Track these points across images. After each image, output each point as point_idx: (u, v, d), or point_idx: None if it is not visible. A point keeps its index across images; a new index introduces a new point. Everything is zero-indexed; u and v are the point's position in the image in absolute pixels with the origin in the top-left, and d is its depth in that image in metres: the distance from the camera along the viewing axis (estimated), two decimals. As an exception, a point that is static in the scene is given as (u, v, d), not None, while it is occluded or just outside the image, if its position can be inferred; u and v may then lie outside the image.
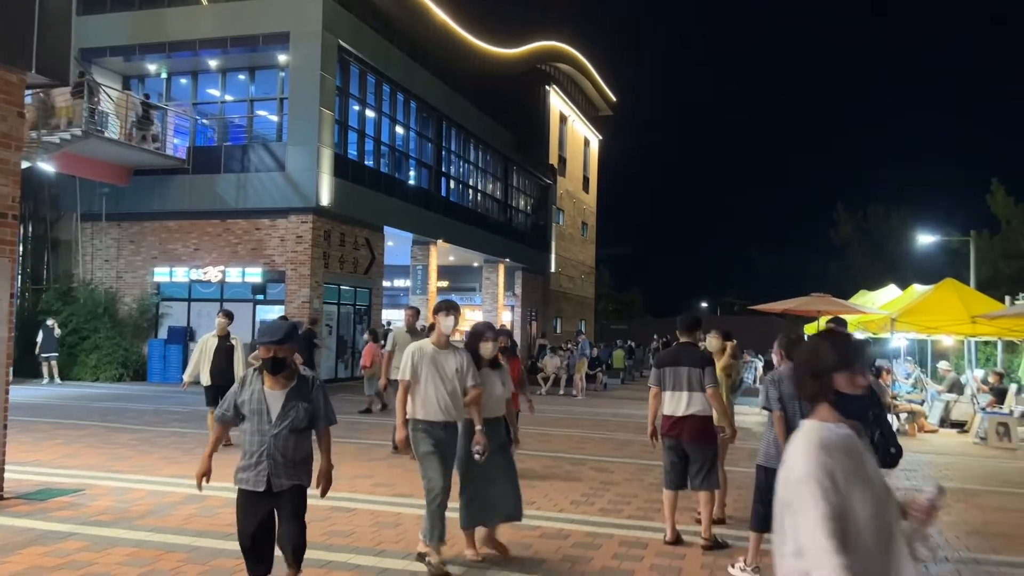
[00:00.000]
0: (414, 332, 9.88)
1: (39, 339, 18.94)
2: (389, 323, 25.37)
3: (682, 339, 6.48)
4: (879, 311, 14.56)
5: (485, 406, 5.68)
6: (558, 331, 38.32)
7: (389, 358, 9.79)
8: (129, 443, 10.39)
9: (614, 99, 47.68)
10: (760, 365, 23.53)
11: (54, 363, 19.19)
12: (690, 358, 6.28)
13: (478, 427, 5.51)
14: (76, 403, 15.30)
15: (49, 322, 19.09)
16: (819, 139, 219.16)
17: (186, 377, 10.40)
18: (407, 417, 5.55)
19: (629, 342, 32.50)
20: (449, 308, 5.70)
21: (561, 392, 20.61)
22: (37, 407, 14.40)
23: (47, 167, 17.63)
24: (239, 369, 9.91)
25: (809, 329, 20.06)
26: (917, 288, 15.34)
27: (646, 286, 67.38)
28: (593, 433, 12.83)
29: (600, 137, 47.90)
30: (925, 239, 27.26)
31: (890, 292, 17.41)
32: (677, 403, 6.27)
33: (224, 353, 10.12)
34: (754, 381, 21.69)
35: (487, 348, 5.81)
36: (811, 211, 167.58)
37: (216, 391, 9.52)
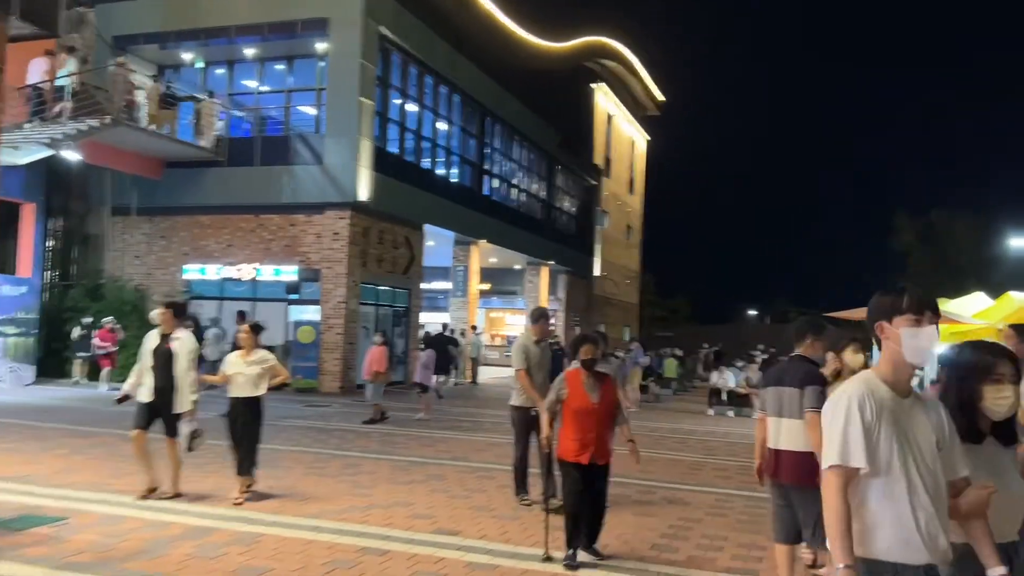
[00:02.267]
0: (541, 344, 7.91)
1: (74, 336, 18.03)
2: (452, 329, 24.07)
3: (796, 350, 5.11)
4: (979, 322, 12.95)
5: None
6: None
7: (526, 378, 7.50)
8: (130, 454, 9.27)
9: (662, 99, 46.10)
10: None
11: (84, 364, 18.30)
12: (793, 375, 4.91)
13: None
14: (94, 406, 14.32)
15: (85, 320, 18.13)
16: (878, 143, 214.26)
17: (125, 386, 7.56)
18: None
19: (677, 350, 30.93)
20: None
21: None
22: (54, 410, 13.45)
23: (73, 156, 16.72)
24: (181, 384, 7.23)
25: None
26: (1015, 295, 13.64)
27: (692, 292, 65.36)
28: (655, 452, 11.46)
29: (647, 138, 46.40)
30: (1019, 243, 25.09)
31: (978, 300, 15.70)
32: (774, 433, 4.94)
33: (163, 358, 7.25)
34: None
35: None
36: (869, 217, 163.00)
37: (150, 411, 7.25)
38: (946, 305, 16.72)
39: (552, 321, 7.44)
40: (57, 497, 6.92)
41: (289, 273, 19.30)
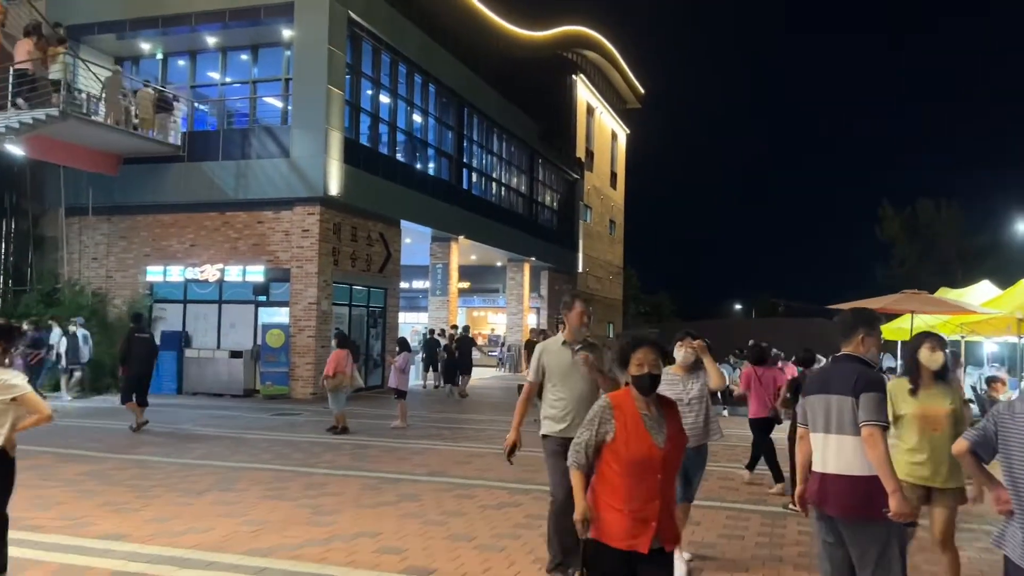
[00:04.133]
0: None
1: (63, 348, 16.65)
2: (436, 331, 23.08)
3: (843, 349, 4.15)
4: (991, 311, 12.16)
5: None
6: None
7: (525, 400, 5.72)
8: (74, 478, 8.23)
9: (642, 91, 45.35)
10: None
11: (77, 375, 17.11)
12: (843, 380, 3.85)
13: None
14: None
15: (72, 328, 16.84)
16: (861, 135, 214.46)
17: None
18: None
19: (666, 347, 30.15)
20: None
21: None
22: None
23: (16, 150, 15.55)
24: None
25: (886, 332, 17.65)
26: (1030, 283, 12.88)
27: (674, 287, 64.75)
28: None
29: (628, 131, 45.58)
30: None
31: (985, 289, 14.98)
32: (820, 452, 3.91)
33: None
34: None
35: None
36: (850, 209, 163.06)
37: None
38: (946, 295, 16.00)
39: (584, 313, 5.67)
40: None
41: (256, 273, 18.24)
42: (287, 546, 5.87)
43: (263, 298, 18.40)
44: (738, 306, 65.20)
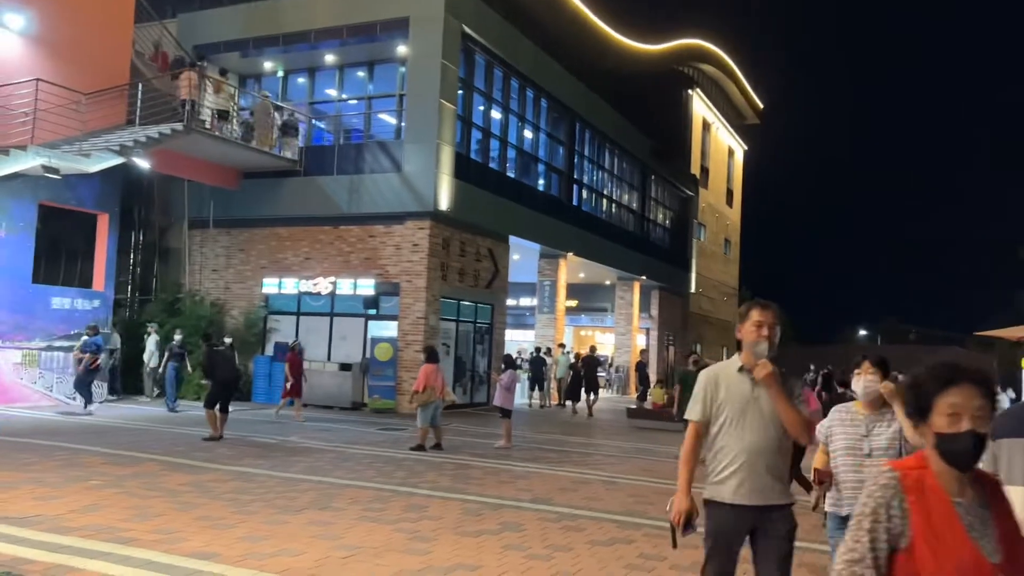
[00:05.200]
0: None
1: (147, 355, 17.53)
2: (542, 349, 22.72)
3: None
4: None
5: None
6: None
7: (693, 444, 4.04)
8: (176, 489, 8.16)
9: (761, 106, 43.79)
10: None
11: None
12: None
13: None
14: (156, 427, 13.49)
15: (177, 337, 17.38)
16: (997, 154, 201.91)
17: None
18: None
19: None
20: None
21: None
22: (113, 432, 12.66)
23: (143, 164, 16.13)
24: None
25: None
26: None
27: (793, 311, 62.08)
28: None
29: (745, 147, 44.08)
30: None
31: None
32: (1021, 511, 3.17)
33: None
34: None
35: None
36: (986, 232, 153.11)
37: None
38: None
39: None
40: (52, 547, 5.76)
41: (367, 287, 18.30)
42: (380, 576, 5.48)
43: (373, 311, 18.43)
44: (863, 332, 61.83)
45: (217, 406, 12.18)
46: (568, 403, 21.00)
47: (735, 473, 3.58)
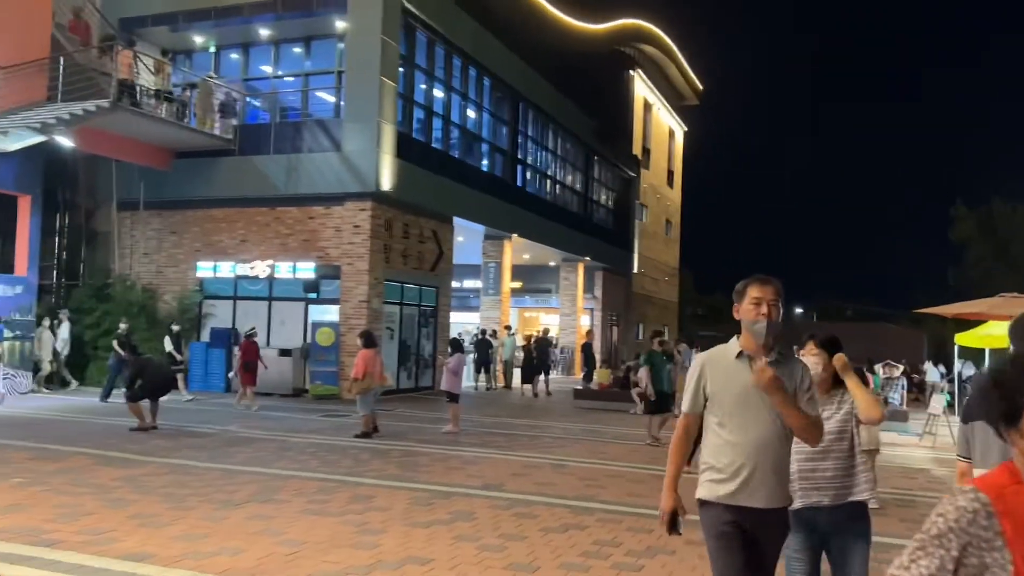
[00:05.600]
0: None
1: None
2: (487, 332, 22.51)
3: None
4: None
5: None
6: (639, 337, 35.01)
7: (682, 438, 3.61)
8: (107, 485, 7.73)
9: (700, 87, 44.06)
10: (905, 383, 19.84)
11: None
12: None
13: None
14: (86, 418, 12.89)
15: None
16: (926, 136, 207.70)
17: None
18: None
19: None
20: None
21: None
22: (40, 424, 12.03)
23: (66, 142, 15.33)
24: None
25: (965, 339, 16.45)
26: None
27: (731, 289, 62.97)
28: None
29: (685, 128, 44.39)
30: None
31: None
32: None
33: None
34: (901, 403, 18.07)
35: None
36: (919, 210, 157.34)
37: None
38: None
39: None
40: (-31, 554, 5.35)
41: (307, 270, 17.81)
42: (325, 574, 5.22)
43: (313, 295, 17.97)
44: (799, 309, 63.28)
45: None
46: (526, 386, 21.05)
47: (736, 472, 3.14)
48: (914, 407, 19.08)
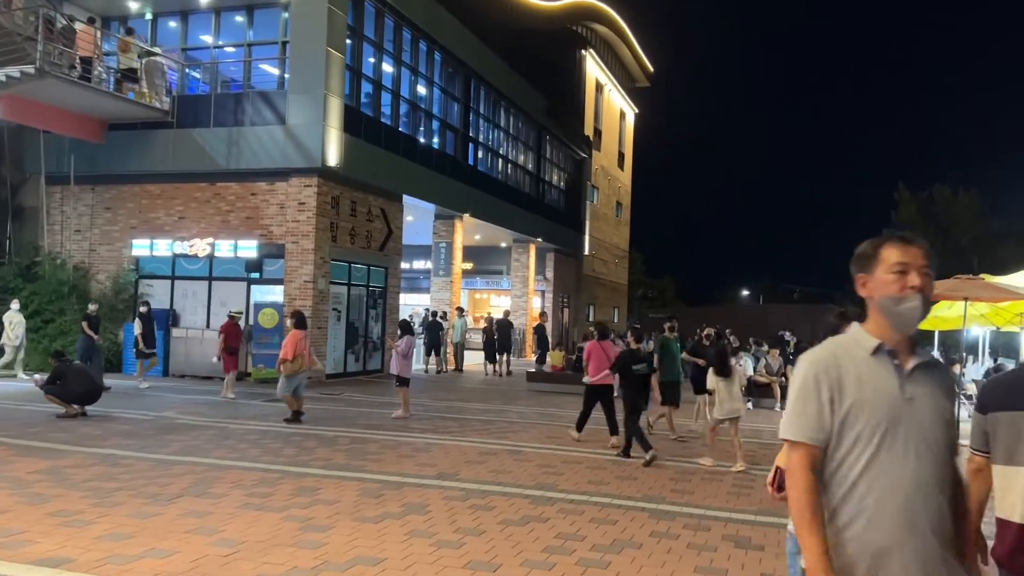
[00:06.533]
0: None
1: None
2: (438, 313, 21.98)
3: None
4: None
5: None
6: (590, 319, 34.88)
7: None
8: (26, 478, 7.09)
9: (652, 69, 43.97)
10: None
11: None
12: None
13: None
14: (10, 404, 12.07)
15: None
16: (879, 115, 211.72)
17: None
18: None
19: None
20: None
21: (615, 394, 17.17)
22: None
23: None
24: None
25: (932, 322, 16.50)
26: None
27: (679, 272, 63.73)
28: (682, 460, 9.42)
29: (636, 110, 44.24)
30: None
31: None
32: (1020, 495, 2.67)
33: None
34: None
35: None
36: (865, 194, 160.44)
37: None
38: (997, 280, 14.80)
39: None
40: None
41: (249, 249, 17.06)
42: (268, 577, 4.75)
43: (256, 275, 17.24)
44: (745, 292, 64.04)
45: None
46: (490, 365, 21.77)
47: (885, 534, 2.11)
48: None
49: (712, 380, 9.45)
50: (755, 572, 5.24)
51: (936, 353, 16.94)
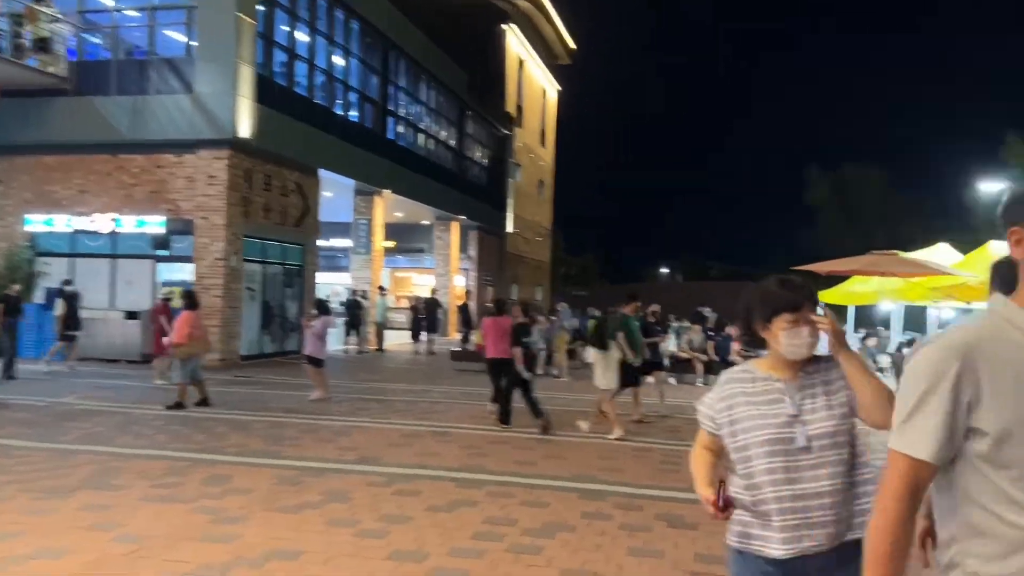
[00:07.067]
0: None
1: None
2: (358, 292, 21.38)
3: None
4: (964, 273, 11.32)
5: None
6: (515, 297, 34.76)
7: None
8: (-99, 475, 6.44)
9: (573, 46, 43.84)
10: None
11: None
12: None
13: None
14: None
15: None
16: (793, 94, 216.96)
17: None
18: None
19: (595, 311, 29.22)
20: None
21: (540, 372, 17.06)
22: None
23: None
24: None
25: (829, 297, 16.90)
26: (1004, 246, 12.04)
27: (600, 250, 64.28)
28: (609, 436, 9.32)
29: (558, 87, 44.08)
30: (991, 187, 23.90)
31: (944, 252, 14.25)
32: None
33: None
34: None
35: None
36: (780, 172, 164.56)
37: None
38: (911, 255, 15.20)
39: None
40: None
41: (155, 224, 16.21)
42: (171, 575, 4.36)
43: (163, 252, 16.39)
44: (664, 269, 65.17)
45: None
46: (417, 344, 21.99)
47: None
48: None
49: (592, 354, 9.80)
50: (690, 552, 5.12)
51: (851, 328, 17.43)
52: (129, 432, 8.65)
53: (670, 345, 16.47)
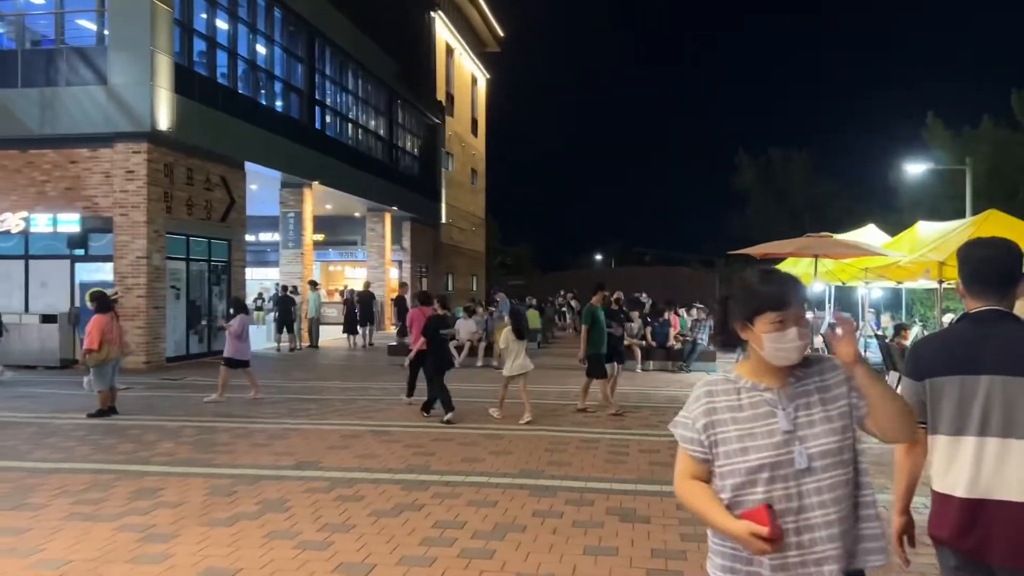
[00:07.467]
0: None
1: None
2: (288, 288, 20.70)
3: (983, 303, 2.53)
4: (896, 254, 11.53)
5: None
6: (450, 288, 34.48)
7: None
8: None
9: (502, 33, 43.57)
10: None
11: None
12: (1014, 353, 2.41)
13: None
14: None
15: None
16: (722, 82, 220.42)
17: None
18: None
19: (532, 299, 29.18)
20: None
21: (479, 363, 16.82)
22: None
23: None
24: None
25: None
26: (931, 226, 12.35)
27: (533, 239, 64.34)
28: (559, 430, 9.18)
29: (488, 76, 43.79)
30: (915, 169, 24.43)
31: (872, 234, 14.56)
32: (969, 468, 2.41)
33: None
34: (708, 344, 18.58)
35: None
36: (709, 158, 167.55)
37: None
38: (843, 236, 15.46)
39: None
40: None
41: (71, 223, 15.42)
42: (97, 606, 4.01)
43: (80, 251, 15.60)
44: (598, 256, 65.57)
45: None
46: (354, 337, 21.85)
47: None
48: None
49: (505, 339, 9.80)
50: (646, 548, 4.99)
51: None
52: (46, 445, 8.13)
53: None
